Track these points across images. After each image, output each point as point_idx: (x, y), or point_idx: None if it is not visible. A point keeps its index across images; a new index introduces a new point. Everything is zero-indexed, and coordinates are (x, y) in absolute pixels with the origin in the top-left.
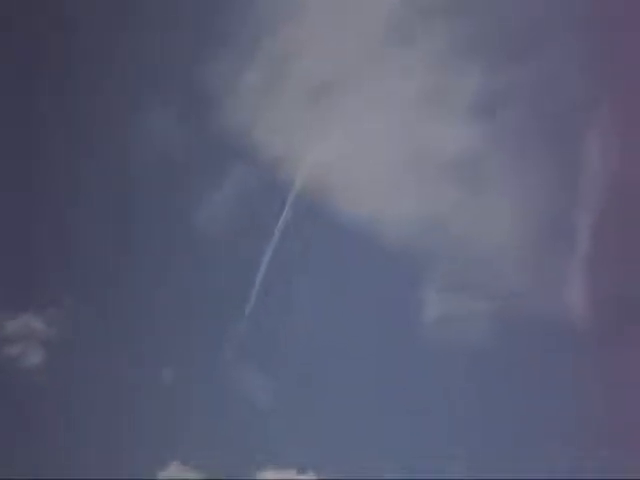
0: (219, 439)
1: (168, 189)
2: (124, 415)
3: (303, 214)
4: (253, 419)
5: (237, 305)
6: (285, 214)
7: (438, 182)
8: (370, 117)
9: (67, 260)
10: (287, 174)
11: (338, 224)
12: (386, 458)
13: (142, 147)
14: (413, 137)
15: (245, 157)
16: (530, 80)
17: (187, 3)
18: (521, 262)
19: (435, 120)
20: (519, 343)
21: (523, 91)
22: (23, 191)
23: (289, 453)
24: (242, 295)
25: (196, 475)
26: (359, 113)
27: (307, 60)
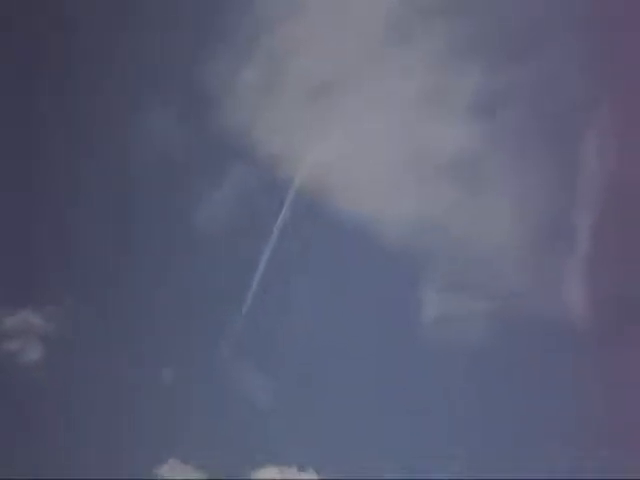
0: (218, 438)
1: (167, 188)
2: (123, 412)
3: (302, 214)
4: (252, 418)
5: (236, 304)
6: (284, 213)
7: (438, 182)
8: (370, 117)
9: (67, 257)
10: (286, 173)
11: (337, 224)
12: (386, 458)
13: (141, 146)
14: (413, 137)
15: (244, 156)
16: (530, 80)
17: (186, 2)
18: (521, 262)
19: (435, 120)
20: (518, 343)
21: (523, 91)
22: (23, 190)
23: (288, 452)
24: (241, 294)
25: (196, 474)
26: (358, 113)
27: (306, 60)
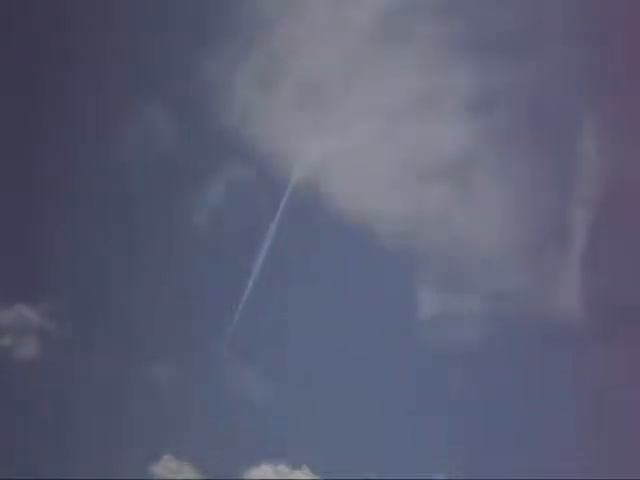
0: (214, 436)
1: (166, 186)
2: (119, 408)
3: (300, 212)
4: (250, 417)
5: (233, 301)
6: (281, 212)
7: (436, 181)
8: (367, 116)
9: (65, 253)
10: (284, 172)
11: (335, 222)
12: (383, 457)
13: (140, 145)
14: (411, 136)
15: (242, 155)
16: (527, 80)
17: (186, 0)
18: (519, 262)
19: (434, 119)
20: (517, 342)
21: (521, 91)
22: (23, 187)
23: (286, 451)
24: (238, 293)
25: (193, 472)
26: (356, 111)
27: (305, 59)
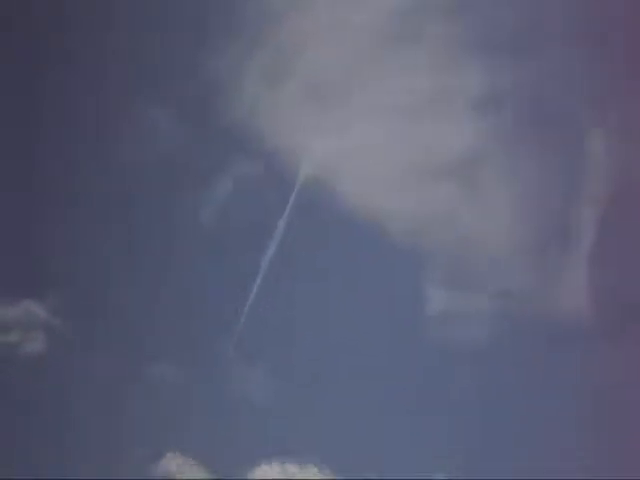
0: (219, 434)
1: (170, 182)
2: (124, 407)
3: (308, 209)
4: (256, 417)
5: (240, 300)
6: (289, 208)
7: (444, 179)
8: (375, 114)
9: (69, 251)
10: (292, 169)
11: (342, 220)
12: (387, 456)
13: (146, 141)
14: (419, 134)
15: (249, 151)
16: (536, 80)
17: None
18: (527, 261)
19: (443, 118)
20: (524, 341)
21: (526, 91)
22: (26, 185)
23: (287, 450)
24: (245, 291)
25: (199, 471)
26: (364, 109)
27: (313, 56)
